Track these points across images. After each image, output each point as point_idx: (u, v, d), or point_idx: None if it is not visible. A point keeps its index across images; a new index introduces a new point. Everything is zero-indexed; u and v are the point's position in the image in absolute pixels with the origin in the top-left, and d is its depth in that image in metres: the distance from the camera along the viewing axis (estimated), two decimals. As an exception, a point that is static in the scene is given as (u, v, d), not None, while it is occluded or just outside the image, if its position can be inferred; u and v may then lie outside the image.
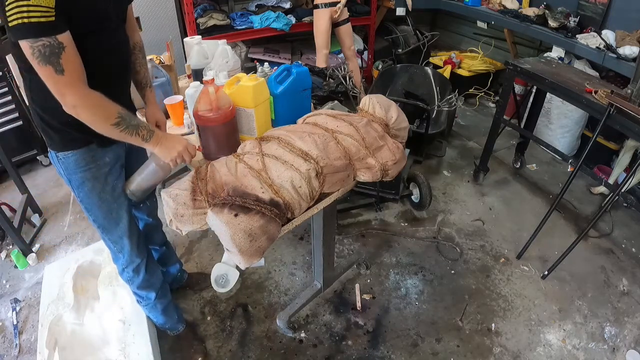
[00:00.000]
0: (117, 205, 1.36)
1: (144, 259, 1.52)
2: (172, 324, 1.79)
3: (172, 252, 1.96)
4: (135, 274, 1.52)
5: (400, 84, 3.25)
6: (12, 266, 2.25)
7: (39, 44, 0.93)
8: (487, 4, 3.70)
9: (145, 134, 1.15)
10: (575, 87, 2.12)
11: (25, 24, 0.90)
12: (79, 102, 1.02)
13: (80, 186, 1.29)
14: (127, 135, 1.11)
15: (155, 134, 1.18)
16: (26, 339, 1.88)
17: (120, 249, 1.45)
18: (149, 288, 1.60)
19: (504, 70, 3.76)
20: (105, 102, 1.07)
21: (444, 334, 1.88)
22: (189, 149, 1.24)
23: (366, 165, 1.31)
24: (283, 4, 3.61)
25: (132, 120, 1.12)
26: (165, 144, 1.20)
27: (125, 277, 1.55)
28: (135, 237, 1.46)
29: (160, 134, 1.20)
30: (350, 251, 2.33)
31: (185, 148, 1.22)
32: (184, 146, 1.22)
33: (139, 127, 1.14)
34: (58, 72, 0.97)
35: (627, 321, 1.95)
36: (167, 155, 1.21)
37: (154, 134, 1.17)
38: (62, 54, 0.96)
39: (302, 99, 1.58)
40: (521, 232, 2.45)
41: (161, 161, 1.24)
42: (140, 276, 1.53)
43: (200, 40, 1.87)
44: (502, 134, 2.70)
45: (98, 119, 1.07)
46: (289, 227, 1.19)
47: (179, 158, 1.23)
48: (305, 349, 1.81)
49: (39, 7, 0.90)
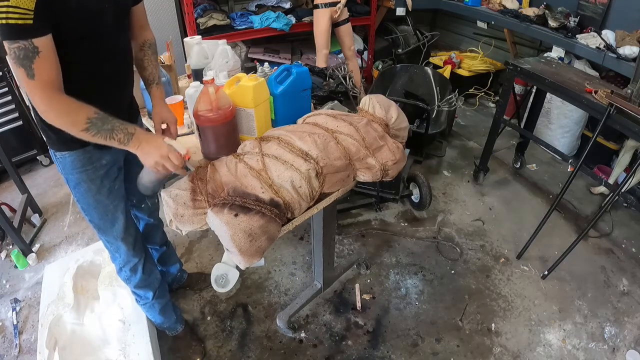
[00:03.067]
0: (113, 207, 1.36)
1: (141, 259, 1.52)
2: (170, 323, 1.78)
3: (172, 252, 1.96)
4: (133, 273, 1.53)
5: (400, 84, 3.25)
6: (12, 266, 2.25)
7: (14, 45, 0.92)
8: (487, 4, 3.70)
9: (122, 137, 1.08)
10: (575, 87, 2.12)
11: (4, 25, 0.89)
12: (46, 107, 1.00)
13: (76, 186, 1.29)
14: (102, 140, 1.06)
15: (134, 137, 1.10)
16: (26, 339, 1.88)
17: (117, 249, 1.45)
18: (147, 287, 1.60)
19: (504, 70, 3.76)
20: (75, 108, 1.02)
21: (444, 334, 1.88)
22: (171, 157, 1.11)
23: (366, 165, 1.31)
24: (283, 4, 3.61)
25: (106, 123, 1.05)
26: (146, 149, 1.11)
27: (122, 276, 1.56)
28: (132, 238, 1.46)
29: (142, 137, 1.11)
30: (350, 251, 2.33)
31: (163, 157, 1.10)
32: (161, 155, 1.10)
33: (114, 130, 1.06)
34: (29, 76, 0.96)
35: (627, 321, 1.95)
36: (146, 161, 1.13)
37: (132, 136, 1.09)
38: (35, 59, 0.94)
39: (302, 99, 1.58)
40: (521, 232, 2.45)
41: None
42: (137, 275, 1.53)
43: (200, 40, 1.87)
44: (502, 134, 2.70)
45: (66, 125, 1.03)
46: (289, 227, 1.19)
47: (159, 166, 1.12)
48: (305, 349, 1.81)
49: (17, 9, 0.88)
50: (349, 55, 3.57)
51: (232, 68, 1.80)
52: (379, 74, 3.41)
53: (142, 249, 1.54)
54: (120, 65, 1.24)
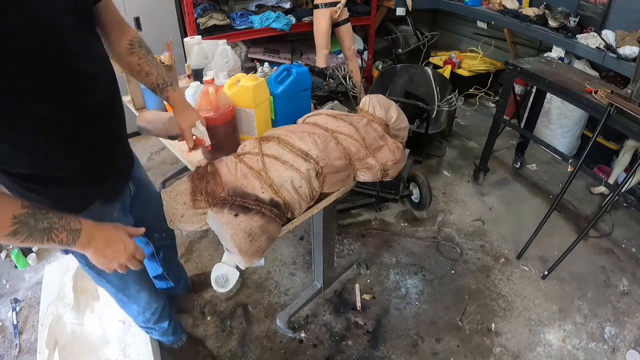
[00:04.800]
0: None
1: (161, 300, 1.47)
2: (177, 336, 1.76)
3: (182, 267, 1.93)
4: (153, 316, 1.46)
5: (400, 84, 3.25)
6: (12, 266, 2.25)
7: None
8: (487, 4, 3.70)
9: (64, 237, 0.80)
10: (575, 87, 2.12)
11: None
12: None
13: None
14: (37, 244, 0.78)
15: (82, 234, 0.83)
16: (26, 339, 1.88)
17: (136, 300, 1.35)
18: (163, 320, 1.56)
19: (504, 70, 3.76)
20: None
21: (444, 334, 1.88)
22: (137, 255, 0.93)
23: (366, 165, 1.31)
24: (283, 4, 3.61)
25: (41, 221, 0.77)
26: (100, 248, 0.87)
27: (140, 321, 1.49)
28: (151, 283, 1.39)
29: (93, 232, 0.86)
30: (350, 251, 2.33)
31: (120, 252, 0.89)
32: (120, 251, 0.89)
33: (53, 229, 0.78)
34: None
35: (627, 321, 1.95)
36: (99, 262, 0.89)
37: (80, 233, 0.83)
38: None
39: (302, 99, 1.58)
40: (521, 232, 2.45)
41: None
42: (156, 315, 1.48)
43: (200, 40, 1.87)
44: (502, 134, 2.70)
45: None
46: (289, 227, 1.19)
47: (114, 263, 0.89)
48: (305, 349, 1.81)
49: None
50: (349, 55, 3.57)
51: (232, 68, 1.80)
52: (379, 74, 3.41)
53: (159, 292, 1.48)
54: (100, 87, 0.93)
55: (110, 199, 1.06)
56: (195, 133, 1.20)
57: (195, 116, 1.19)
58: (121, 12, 1.06)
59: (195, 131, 1.19)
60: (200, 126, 1.19)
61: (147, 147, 3.24)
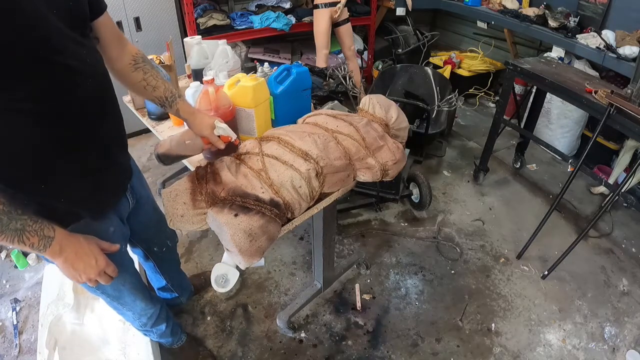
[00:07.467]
0: (124, 269, 1.15)
1: (158, 304, 1.46)
2: (176, 337, 1.75)
3: (184, 275, 1.92)
4: (150, 320, 1.45)
5: (400, 84, 3.25)
6: (12, 266, 2.24)
7: None
8: (487, 4, 3.70)
9: (35, 242, 0.79)
10: (575, 87, 2.12)
11: None
12: None
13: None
14: (7, 243, 0.77)
15: (54, 242, 0.82)
16: (26, 339, 1.88)
17: (131, 307, 1.33)
18: (160, 322, 1.54)
19: (504, 70, 3.76)
20: None
21: (444, 334, 1.88)
22: (107, 270, 0.92)
23: (366, 165, 1.31)
24: (283, 4, 3.61)
25: (15, 221, 0.76)
26: (70, 259, 0.86)
27: (138, 324, 1.47)
28: (147, 291, 1.37)
29: (65, 242, 0.85)
30: (350, 251, 2.33)
31: (90, 267, 0.89)
32: (91, 265, 0.88)
33: (25, 232, 0.77)
34: None
35: (627, 321, 1.95)
36: (69, 273, 0.88)
37: (52, 241, 0.82)
38: None
39: (302, 99, 1.58)
40: (521, 232, 2.45)
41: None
42: (153, 319, 1.47)
43: (200, 40, 1.87)
44: (502, 134, 2.70)
45: None
46: (289, 227, 1.19)
47: (83, 276, 0.89)
48: (305, 349, 1.81)
49: None
50: (349, 55, 3.57)
51: (232, 68, 1.80)
52: (379, 74, 3.41)
53: (155, 297, 1.47)
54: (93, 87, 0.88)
55: (100, 216, 0.99)
56: (219, 133, 1.19)
57: (209, 118, 1.19)
58: (121, 12, 1.02)
59: (219, 131, 1.18)
60: (220, 124, 1.17)
61: (147, 147, 3.24)
